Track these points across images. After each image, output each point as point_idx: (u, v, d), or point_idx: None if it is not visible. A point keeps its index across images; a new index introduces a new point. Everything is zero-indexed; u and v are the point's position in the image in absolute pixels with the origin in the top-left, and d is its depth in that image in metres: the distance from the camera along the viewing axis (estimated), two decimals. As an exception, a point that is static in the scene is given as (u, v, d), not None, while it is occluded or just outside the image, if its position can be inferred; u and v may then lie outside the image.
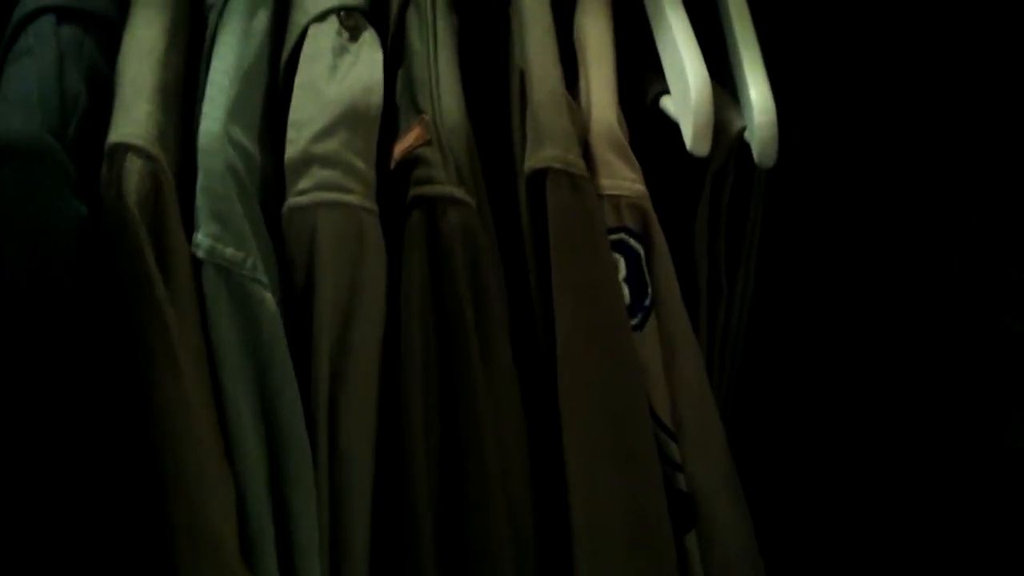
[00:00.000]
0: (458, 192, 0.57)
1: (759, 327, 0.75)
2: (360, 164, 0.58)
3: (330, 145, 0.57)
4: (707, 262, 0.70)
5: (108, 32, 0.59)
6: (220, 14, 0.61)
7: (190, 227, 0.56)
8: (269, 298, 0.56)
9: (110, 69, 0.58)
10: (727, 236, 0.70)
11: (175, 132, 0.57)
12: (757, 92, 0.63)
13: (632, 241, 0.62)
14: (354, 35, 0.63)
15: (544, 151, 0.58)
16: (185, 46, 0.61)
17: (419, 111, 0.59)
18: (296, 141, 0.57)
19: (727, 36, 0.68)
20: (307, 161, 0.57)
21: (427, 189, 0.57)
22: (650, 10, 0.68)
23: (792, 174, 0.70)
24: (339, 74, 0.60)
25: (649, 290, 0.64)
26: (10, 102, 0.51)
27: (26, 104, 0.51)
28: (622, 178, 0.61)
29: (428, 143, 0.58)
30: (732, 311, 0.72)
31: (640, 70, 0.69)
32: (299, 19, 0.62)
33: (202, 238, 0.55)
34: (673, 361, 0.65)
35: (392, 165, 0.59)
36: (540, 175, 0.59)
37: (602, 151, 0.61)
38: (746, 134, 0.65)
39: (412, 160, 0.59)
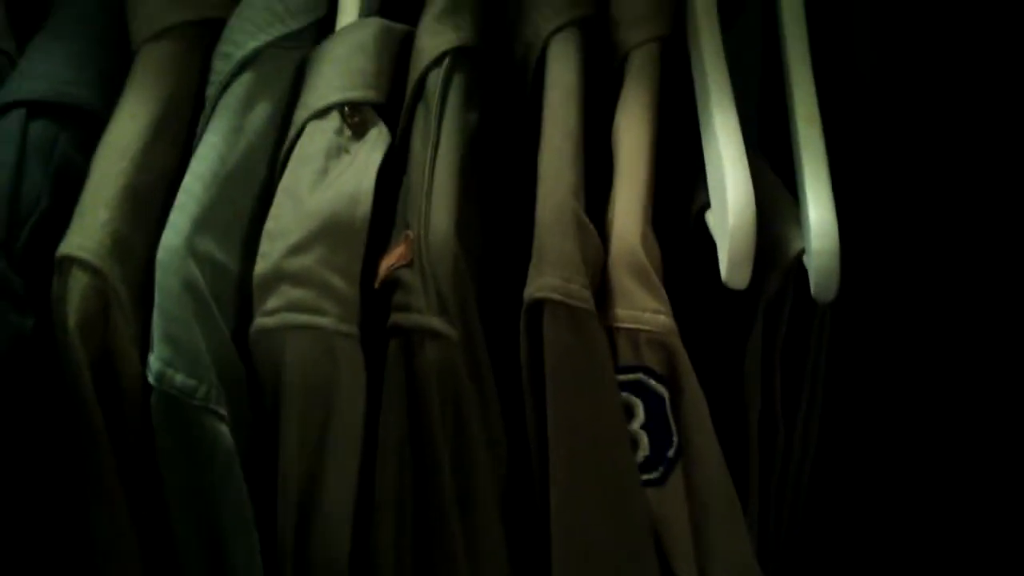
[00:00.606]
0: (436, 323, 0.50)
1: (824, 477, 0.63)
2: (338, 282, 0.51)
3: (304, 261, 0.51)
4: (760, 400, 0.59)
5: (91, 126, 0.55)
6: (212, 108, 0.55)
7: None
8: (223, 431, 0.50)
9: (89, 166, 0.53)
10: (784, 368, 0.59)
11: (149, 240, 0.52)
12: (818, 213, 0.53)
13: (652, 383, 0.53)
14: (358, 132, 0.57)
15: (543, 279, 0.50)
16: (181, 142, 0.56)
17: (407, 225, 0.52)
18: (268, 255, 0.51)
19: (792, 141, 0.57)
20: (278, 278, 0.51)
21: (403, 318, 0.50)
22: (700, 108, 0.58)
23: (862, 292, 0.58)
24: (328, 179, 0.53)
25: (675, 439, 0.54)
26: None
27: None
28: (642, 309, 0.52)
29: (409, 264, 0.50)
30: (790, 457, 0.61)
31: (691, 175, 0.60)
32: (299, 115, 0.57)
33: (153, 361, 0.50)
34: (705, 522, 0.55)
35: (376, 283, 0.52)
36: (538, 306, 0.50)
37: (620, 277, 0.52)
38: (804, 258, 0.54)
39: (393, 281, 0.51)
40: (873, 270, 0.56)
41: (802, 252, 0.55)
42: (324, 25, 0.64)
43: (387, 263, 0.52)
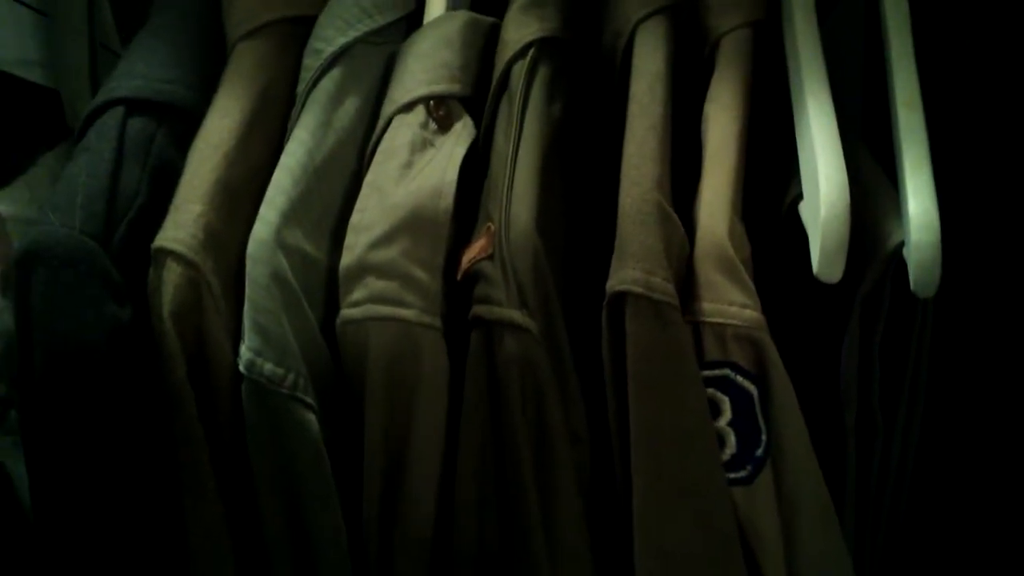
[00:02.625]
0: (517, 316, 0.49)
1: (927, 478, 0.60)
2: (422, 275, 0.51)
3: (388, 253, 0.51)
4: (857, 400, 0.56)
5: (187, 123, 0.56)
6: (302, 104, 0.56)
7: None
8: (310, 419, 0.51)
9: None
10: (884, 365, 0.57)
11: (242, 233, 0.53)
12: (918, 203, 0.50)
13: (740, 379, 0.51)
14: (444, 125, 0.57)
15: (625, 271, 0.49)
16: (274, 138, 0.57)
17: (489, 218, 0.52)
18: (353, 247, 0.52)
19: (892, 127, 0.55)
20: (363, 270, 0.51)
21: (484, 310, 0.50)
22: (793, 96, 0.56)
23: (964, 287, 0.55)
24: (412, 172, 0.54)
25: (763, 437, 0.52)
26: (53, 205, 0.49)
27: (67, 207, 0.49)
28: (729, 303, 0.50)
29: (490, 257, 0.50)
30: (890, 461, 0.58)
31: (784, 166, 0.58)
32: (386, 109, 0.57)
33: (244, 351, 0.51)
34: (796, 523, 0.53)
35: (459, 275, 0.52)
36: (620, 299, 0.49)
37: (707, 270, 0.51)
38: (904, 251, 0.52)
39: (475, 274, 0.51)
40: (975, 263, 0.53)
41: (901, 244, 0.53)
42: (413, 20, 0.64)
43: (469, 256, 0.52)
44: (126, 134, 0.54)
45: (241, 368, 0.51)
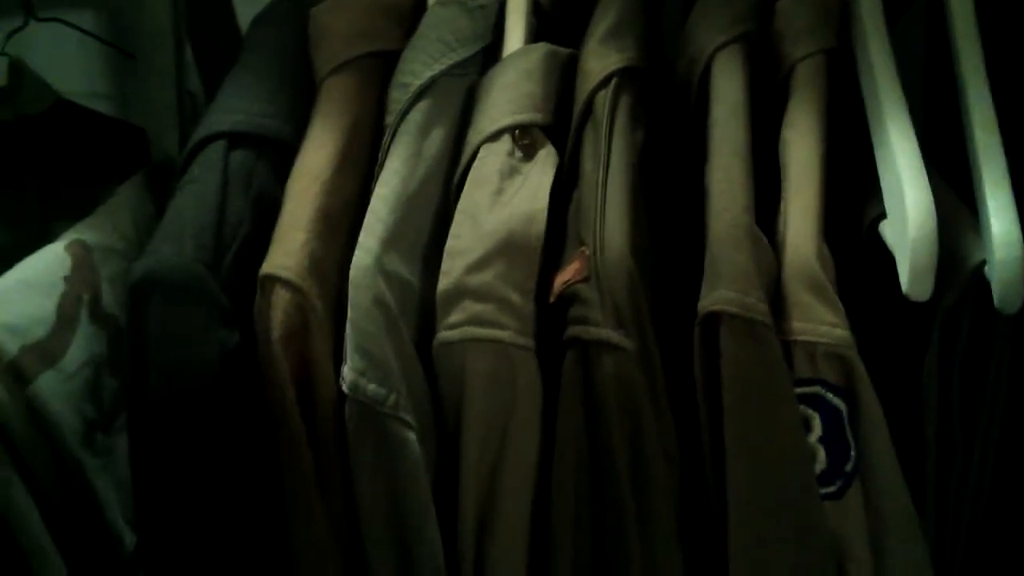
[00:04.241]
0: (614, 337, 0.51)
1: (1006, 496, 0.61)
2: (516, 298, 0.53)
3: (485, 277, 0.53)
4: (937, 417, 0.58)
5: (284, 155, 0.58)
6: (392, 135, 0.59)
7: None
8: (411, 438, 0.53)
9: (283, 193, 0.57)
10: (963, 383, 0.58)
11: (339, 259, 0.55)
12: (1000, 223, 0.52)
13: (830, 396, 0.52)
14: (529, 153, 0.59)
15: (719, 292, 0.51)
16: (364, 168, 0.60)
17: (581, 243, 0.54)
18: (450, 272, 0.54)
19: (969, 149, 0.56)
20: (460, 293, 0.53)
21: (581, 331, 0.52)
22: (871, 119, 0.58)
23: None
24: (503, 199, 0.56)
25: (852, 453, 0.54)
26: (165, 235, 0.52)
27: (180, 236, 0.52)
28: (819, 322, 0.52)
29: (586, 280, 0.52)
30: (969, 476, 0.59)
31: (861, 187, 0.59)
32: (473, 139, 0.59)
33: (347, 372, 0.53)
34: (885, 539, 0.54)
35: (551, 298, 0.54)
36: (714, 319, 0.51)
37: (796, 290, 0.52)
38: (986, 270, 0.53)
39: (570, 296, 0.53)
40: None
41: (982, 263, 0.54)
42: (489, 52, 0.66)
43: (562, 279, 0.54)
44: (229, 166, 0.56)
45: (345, 389, 0.53)
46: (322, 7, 0.63)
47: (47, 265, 0.62)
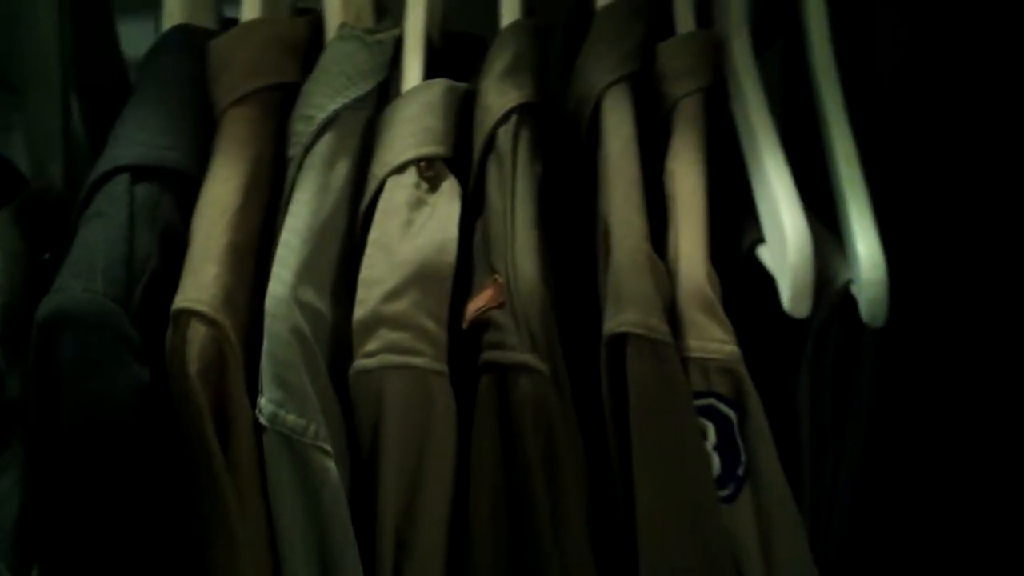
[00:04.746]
0: (530, 360, 0.54)
1: (871, 490, 0.67)
2: (430, 325, 0.55)
3: (400, 306, 0.55)
4: (811, 422, 0.63)
5: (186, 188, 0.59)
6: (298, 168, 0.60)
7: (255, 388, 0.54)
8: (331, 466, 0.54)
9: (187, 226, 0.57)
10: (833, 389, 0.64)
11: (247, 292, 0.56)
12: (865, 246, 0.58)
13: (722, 406, 0.57)
14: (433, 185, 0.61)
15: (624, 315, 0.54)
16: (265, 200, 0.60)
17: (493, 271, 0.56)
18: (366, 301, 0.55)
19: (832, 179, 0.63)
20: (376, 322, 0.55)
21: (498, 355, 0.54)
22: (747, 152, 0.63)
23: (905, 326, 0.63)
24: (413, 229, 0.58)
25: (743, 458, 0.58)
26: (74, 270, 0.51)
27: (89, 271, 0.51)
28: (711, 339, 0.56)
29: (500, 306, 0.54)
30: (839, 470, 0.65)
31: (738, 213, 0.65)
32: (377, 171, 0.61)
33: (265, 404, 0.53)
34: (771, 536, 0.59)
35: (464, 324, 0.57)
36: (620, 340, 0.55)
37: (690, 311, 0.57)
38: (853, 288, 0.59)
39: (484, 322, 0.55)
40: (906, 296, 0.61)
41: (848, 283, 0.60)
42: (382, 87, 0.68)
43: (475, 306, 0.56)
44: (135, 200, 0.56)
45: (263, 420, 0.53)
46: (220, 40, 0.63)
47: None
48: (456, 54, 0.73)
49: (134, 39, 0.73)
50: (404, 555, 0.56)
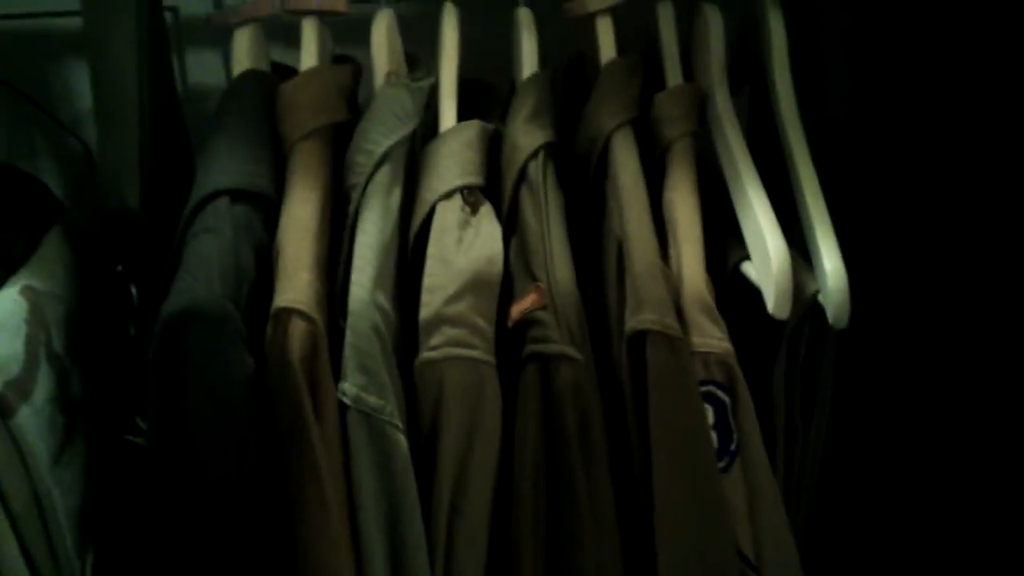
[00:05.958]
0: (570, 351, 0.66)
1: (832, 466, 0.81)
2: (482, 323, 0.67)
3: (458, 308, 0.66)
4: (784, 409, 0.77)
5: (269, 210, 0.69)
6: (363, 193, 0.71)
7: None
8: (403, 439, 0.64)
9: (271, 243, 0.68)
10: (803, 383, 0.77)
11: (329, 295, 0.67)
12: (831, 264, 0.71)
13: (719, 393, 0.70)
14: (474, 209, 0.73)
15: (644, 315, 0.67)
16: (331, 219, 0.71)
17: (534, 278, 0.68)
18: (430, 304, 0.66)
19: (800, 209, 0.77)
20: (439, 321, 0.66)
21: (542, 347, 0.66)
22: (731, 185, 0.77)
23: (862, 328, 0.77)
24: (464, 245, 0.69)
25: (735, 436, 0.71)
26: (195, 274, 0.61)
27: (208, 275, 0.61)
28: (710, 337, 0.69)
29: (544, 307, 0.66)
30: (807, 451, 0.79)
31: (721, 235, 0.78)
32: (427, 196, 0.72)
33: (349, 387, 0.64)
34: (756, 501, 0.72)
35: (509, 324, 0.68)
36: (640, 336, 0.67)
37: (693, 313, 0.69)
38: (820, 297, 0.73)
39: (529, 321, 0.67)
40: (864, 303, 0.75)
41: (816, 293, 0.74)
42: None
43: (520, 307, 0.68)
44: (235, 218, 0.66)
45: (348, 401, 0.64)
46: (290, 85, 0.74)
47: (8, 308, 0.67)
48: (470, 96, 0.85)
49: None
50: (456, 516, 0.67)
